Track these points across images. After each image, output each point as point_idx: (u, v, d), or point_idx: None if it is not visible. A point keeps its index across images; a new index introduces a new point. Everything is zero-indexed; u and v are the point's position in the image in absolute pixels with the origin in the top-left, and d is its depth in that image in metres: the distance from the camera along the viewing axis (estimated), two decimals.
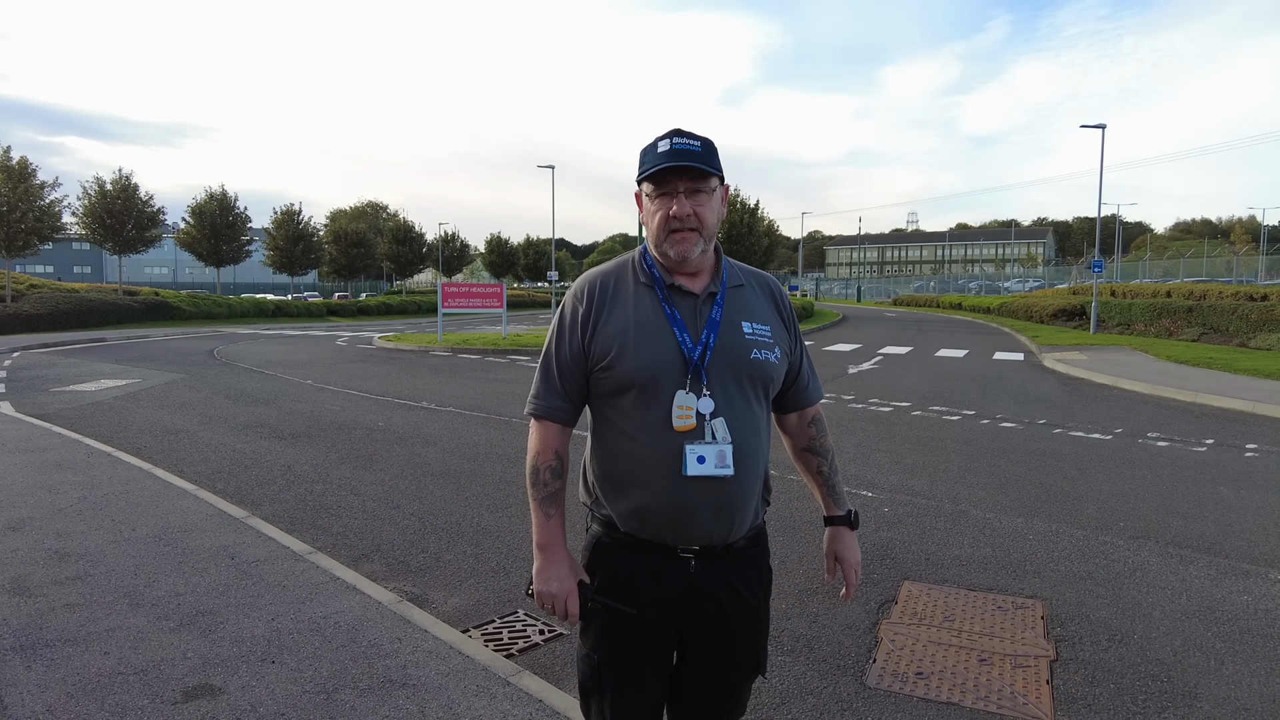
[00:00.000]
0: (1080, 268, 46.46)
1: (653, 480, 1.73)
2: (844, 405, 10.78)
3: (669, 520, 1.75)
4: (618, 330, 1.76)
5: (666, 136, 1.78)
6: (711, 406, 1.73)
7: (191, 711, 2.98)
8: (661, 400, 1.72)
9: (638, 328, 1.76)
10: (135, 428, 9.13)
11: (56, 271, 71.24)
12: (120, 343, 22.42)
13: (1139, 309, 24.13)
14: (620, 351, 1.74)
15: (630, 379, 1.73)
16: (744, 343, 1.79)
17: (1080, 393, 12.33)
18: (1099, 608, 4.12)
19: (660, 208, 1.76)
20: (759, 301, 1.89)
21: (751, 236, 46.60)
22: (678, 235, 1.75)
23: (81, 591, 4.11)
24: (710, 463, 1.71)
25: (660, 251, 1.79)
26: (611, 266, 1.88)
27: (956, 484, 6.59)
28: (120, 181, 37.82)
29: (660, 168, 1.73)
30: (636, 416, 1.74)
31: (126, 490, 6.09)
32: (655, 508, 1.75)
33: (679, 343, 1.75)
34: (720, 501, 1.75)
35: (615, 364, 1.74)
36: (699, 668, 1.87)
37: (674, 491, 1.72)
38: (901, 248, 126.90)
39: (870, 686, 3.34)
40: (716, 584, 1.81)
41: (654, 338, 1.75)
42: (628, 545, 1.80)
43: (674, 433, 1.71)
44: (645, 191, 1.80)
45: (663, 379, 1.73)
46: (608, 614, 1.79)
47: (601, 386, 1.79)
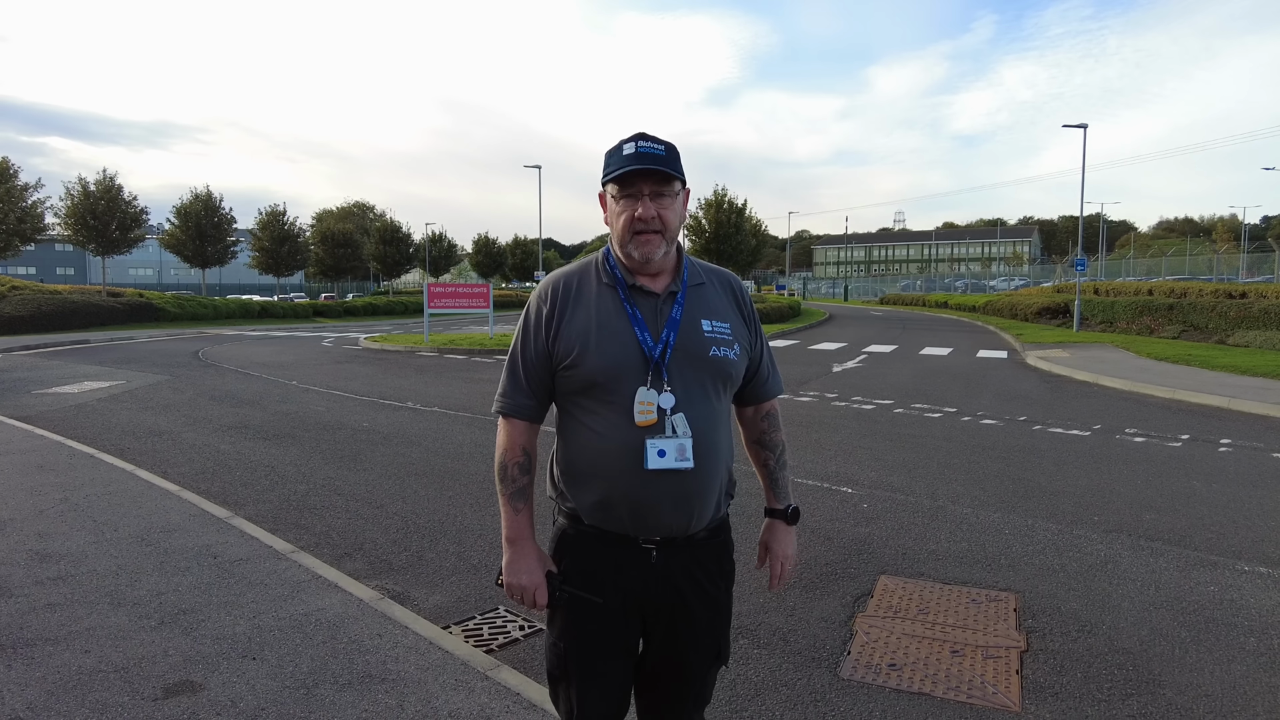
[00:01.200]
0: (1065, 266, 46.83)
1: (615, 473, 1.78)
2: (827, 403, 10.87)
3: (630, 512, 1.80)
4: (580, 330, 1.81)
5: (631, 140, 1.82)
6: (672, 402, 1.78)
7: (172, 708, 3.01)
8: (623, 396, 1.77)
9: (599, 327, 1.81)
10: (119, 429, 9.11)
11: (39, 273, 70.60)
12: (104, 345, 22.27)
13: (1121, 307, 24.39)
14: (583, 350, 1.79)
15: (593, 376, 1.78)
16: (703, 340, 1.84)
17: (1061, 390, 12.47)
18: (1070, 600, 4.20)
19: (625, 209, 1.81)
20: (720, 299, 1.94)
21: (739, 236, 46.70)
22: (642, 237, 1.80)
23: (63, 591, 4.12)
24: (670, 456, 1.76)
25: (625, 253, 1.84)
26: (575, 267, 1.93)
27: (935, 480, 6.67)
28: (104, 182, 37.54)
29: (626, 170, 1.78)
30: (599, 412, 1.80)
31: (109, 491, 6.09)
32: (617, 500, 1.80)
33: (639, 341, 1.80)
34: (680, 494, 1.80)
35: (578, 362, 1.79)
36: (662, 655, 1.93)
37: (635, 484, 1.77)
38: (888, 247, 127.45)
39: (844, 678, 3.40)
40: (677, 573, 1.86)
41: (615, 337, 1.80)
42: (591, 536, 1.86)
43: (635, 427, 1.76)
44: (610, 193, 1.85)
45: (624, 376, 1.77)
46: (574, 603, 1.85)
47: (566, 384, 1.84)
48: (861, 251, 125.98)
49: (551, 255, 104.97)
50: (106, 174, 37.83)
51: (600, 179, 1.88)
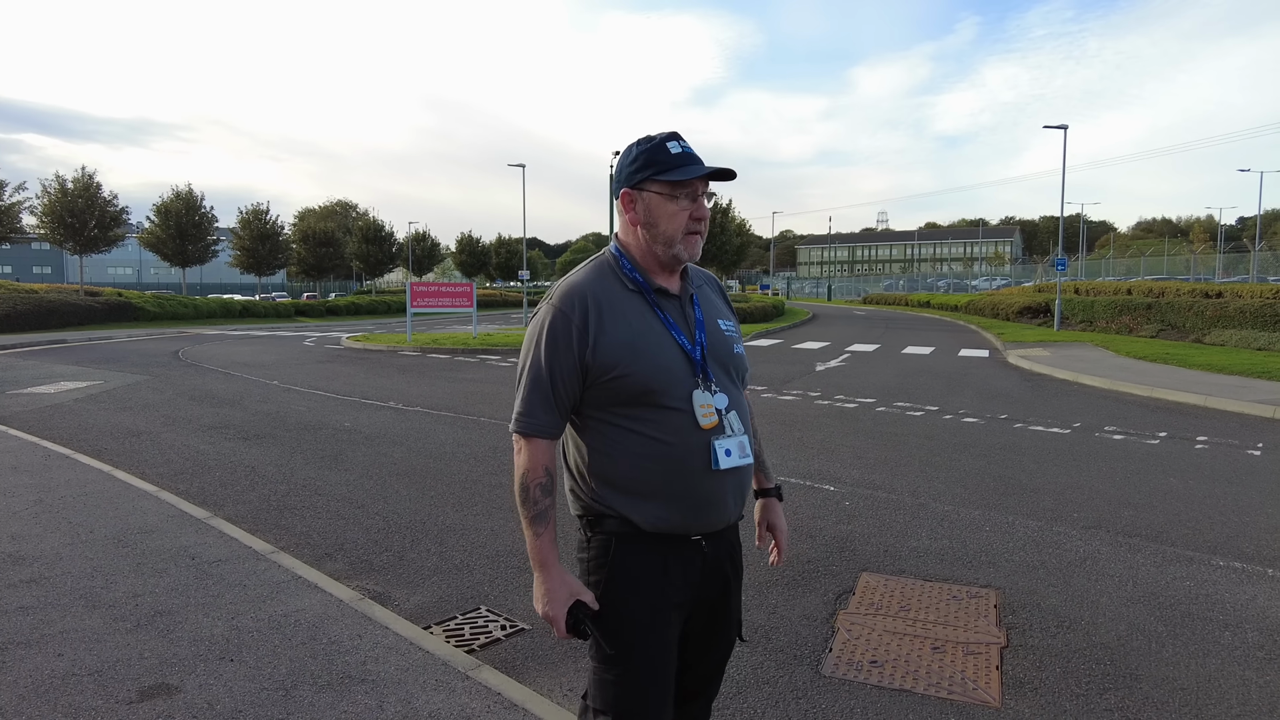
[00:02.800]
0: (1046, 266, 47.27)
1: (685, 479, 1.78)
2: (810, 401, 10.91)
3: (700, 513, 1.82)
4: (624, 340, 1.77)
5: (673, 139, 1.83)
6: (726, 402, 1.84)
7: (147, 710, 2.97)
8: (680, 400, 1.77)
9: (643, 334, 1.79)
10: (96, 430, 8.99)
11: (15, 272, 69.62)
12: (81, 344, 21.98)
13: (1101, 306, 24.64)
14: (633, 360, 1.76)
15: (648, 385, 1.76)
16: (726, 339, 1.91)
17: (1042, 388, 12.58)
18: (1050, 596, 4.23)
19: (683, 209, 1.81)
20: (718, 300, 2.01)
21: (724, 236, 46.88)
22: (694, 237, 1.83)
23: (35, 594, 4.06)
24: (735, 455, 1.82)
25: (674, 252, 1.83)
26: (593, 275, 1.86)
27: (917, 478, 6.71)
28: (82, 180, 37.08)
29: (692, 173, 1.78)
30: (658, 420, 1.77)
31: (85, 492, 6.01)
32: (690, 504, 1.80)
33: (680, 344, 1.81)
34: (740, 486, 1.88)
35: (628, 372, 1.75)
36: (707, 641, 1.95)
37: (706, 486, 1.80)
38: (872, 247, 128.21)
39: (825, 675, 3.41)
40: (723, 559, 1.92)
41: (658, 343, 1.79)
42: (648, 543, 1.81)
43: (701, 431, 1.78)
44: (657, 191, 1.81)
45: (677, 381, 1.78)
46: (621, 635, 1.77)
47: (609, 397, 1.78)
48: (845, 251, 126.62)
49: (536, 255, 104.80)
50: (85, 172, 37.39)
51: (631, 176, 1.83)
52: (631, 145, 1.86)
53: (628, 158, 1.85)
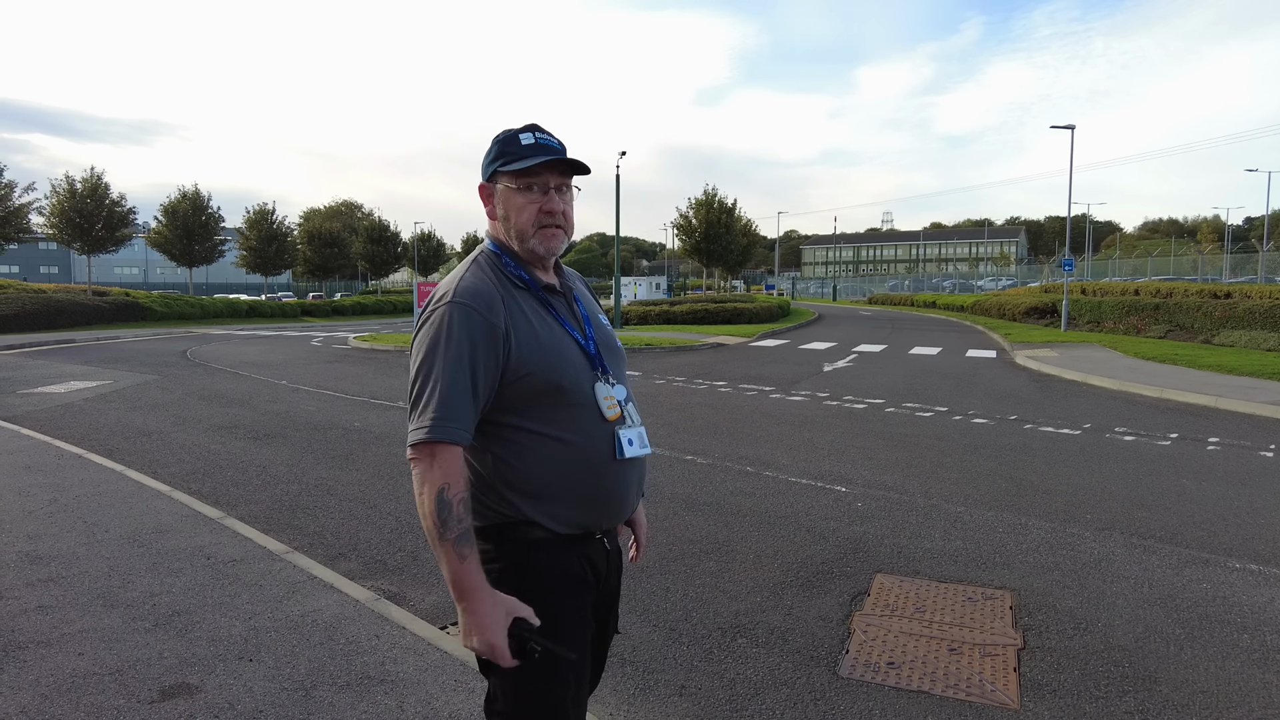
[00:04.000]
0: (1052, 266, 47.16)
1: (595, 474, 1.75)
2: (818, 402, 10.90)
3: (609, 508, 1.81)
4: (528, 337, 1.72)
5: (528, 130, 1.77)
6: (624, 393, 1.84)
7: (168, 710, 2.98)
8: (585, 395, 1.75)
9: (541, 330, 1.75)
10: (107, 429, 9.02)
11: (22, 272, 69.86)
12: (90, 344, 22.06)
13: (1108, 307, 24.57)
14: (542, 356, 1.71)
15: (557, 381, 1.71)
16: (608, 332, 1.91)
17: (1051, 389, 12.54)
18: (1065, 597, 4.22)
19: (532, 201, 1.75)
20: (589, 295, 2.02)
21: (729, 236, 46.86)
22: (548, 231, 1.77)
23: (54, 594, 4.08)
24: (637, 444, 1.81)
25: (527, 247, 1.77)
26: (480, 274, 1.76)
27: (929, 479, 6.70)
28: (90, 180, 37.21)
29: (535, 161, 1.72)
30: (567, 418, 1.73)
31: (99, 492, 6.03)
32: (600, 499, 1.78)
33: (575, 339, 1.79)
34: (639, 476, 1.88)
35: (537, 370, 1.70)
36: (602, 635, 1.94)
37: (614, 477, 1.78)
38: (877, 247, 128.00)
39: (843, 676, 3.41)
40: (617, 553, 1.93)
41: (558, 337, 1.76)
42: (564, 545, 1.75)
43: (607, 423, 1.77)
44: (506, 184, 1.76)
45: (581, 375, 1.76)
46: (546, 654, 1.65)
47: (518, 397, 1.71)
48: (850, 251, 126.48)
49: None
50: (94, 172, 37.52)
51: (486, 169, 1.79)
52: (496, 136, 1.79)
53: (487, 153, 1.79)
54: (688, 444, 8.05)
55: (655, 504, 5.91)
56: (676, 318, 27.80)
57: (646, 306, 29.92)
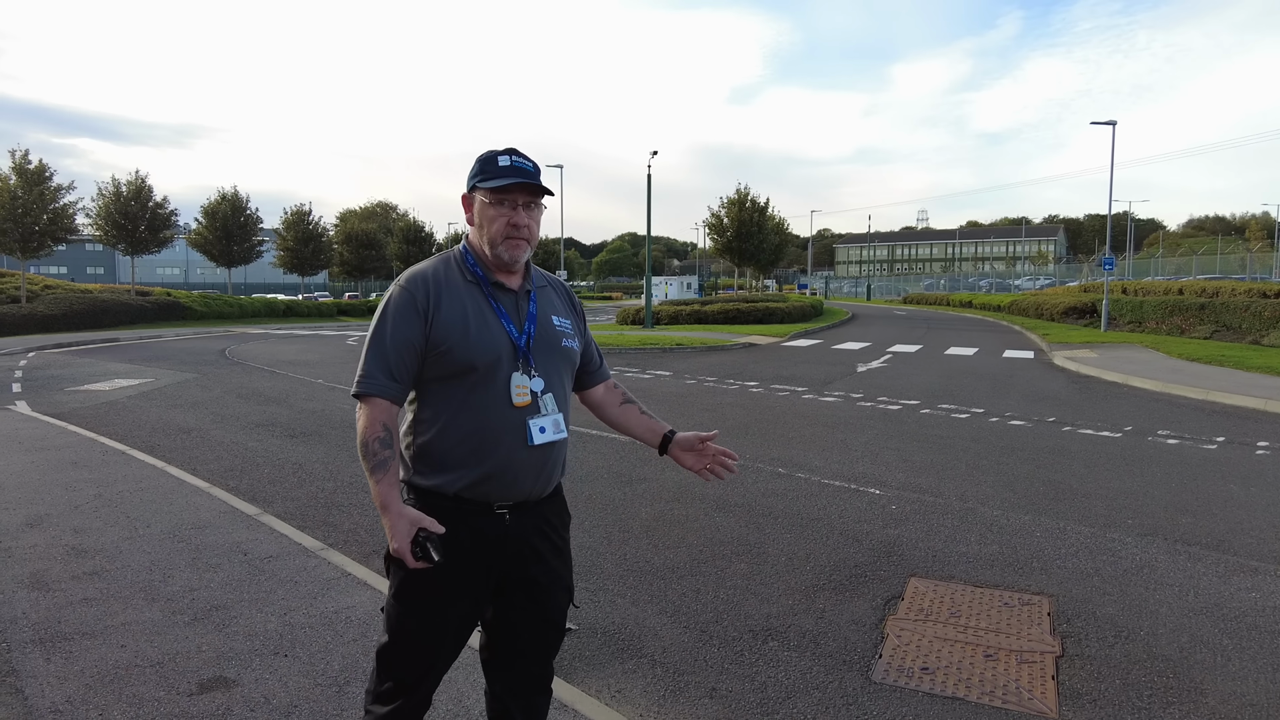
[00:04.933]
0: (1091, 265, 46.16)
1: (495, 451, 2.01)
2: (852, 403, 10.79)
3: (503, 484, 2.03)
4: (455, 319, 2.00)
5: (506, 153, 2.06)
6: (542, 385, 2.07)
7: (206, 703, 3.04)
8: (499, 380, 2.01)
9: (472, 318, 2.02)
10: (149, 426, 9.23)
11: (70, 272, 71.76)
12: (133, 343, 22.61)
13: (1151, 306, 24.00)
14: (461, 336, 1.99)
15: (471, 362, 1.99)
16: (556, 333, 2.14)
17: (1090, 390, 12.29)
18: (1106, 604, 4.13)
19: (501, 215, 2.04)
20: (559, 301, 2.24)
21: (761, 234, 46.55)
22: (513, 241, 2.06)
23: (98, 586, 4.17)
24: (549, 432, 2.07)
25: (495, 253, 2.06)
26: (436, 264, 2.09)
27: (964, 482, 6.59)
28: (135, 183, 38.09)
29: (508, 182, 2.02)
30: (477, 395, 2.00)
31: (141, 488, 6.17)
32: (495, 474, 2.01)
33: (507, 332, 2.05)
34: (545, 463, 2.09)
35: (455, 349, 1.98)
36: (520, 604, 2.12)
37: (514, 459, 2.02)
38: (911, 246, 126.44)
39: (876, 681, 3.36)
40: (529, 531, 2.10)
41: (487, 327, 2.03)
42: (449, 509, 2.00)
43: (513, 409, 2.02)
44: (483, 198, 2.05)
45: (499, 361, 2.02)
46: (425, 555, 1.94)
47: (440, 370, 2.00)
48: (884, 250, 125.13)
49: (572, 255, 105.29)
50: (138, 175, 38.41)
51: (469, 182, 2.08)
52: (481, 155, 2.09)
53: (473, 167, 2.08)
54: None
55: (685, 504, 5.90)
56: (708, 317, 27.72)
57: (678, 306, 29.87)
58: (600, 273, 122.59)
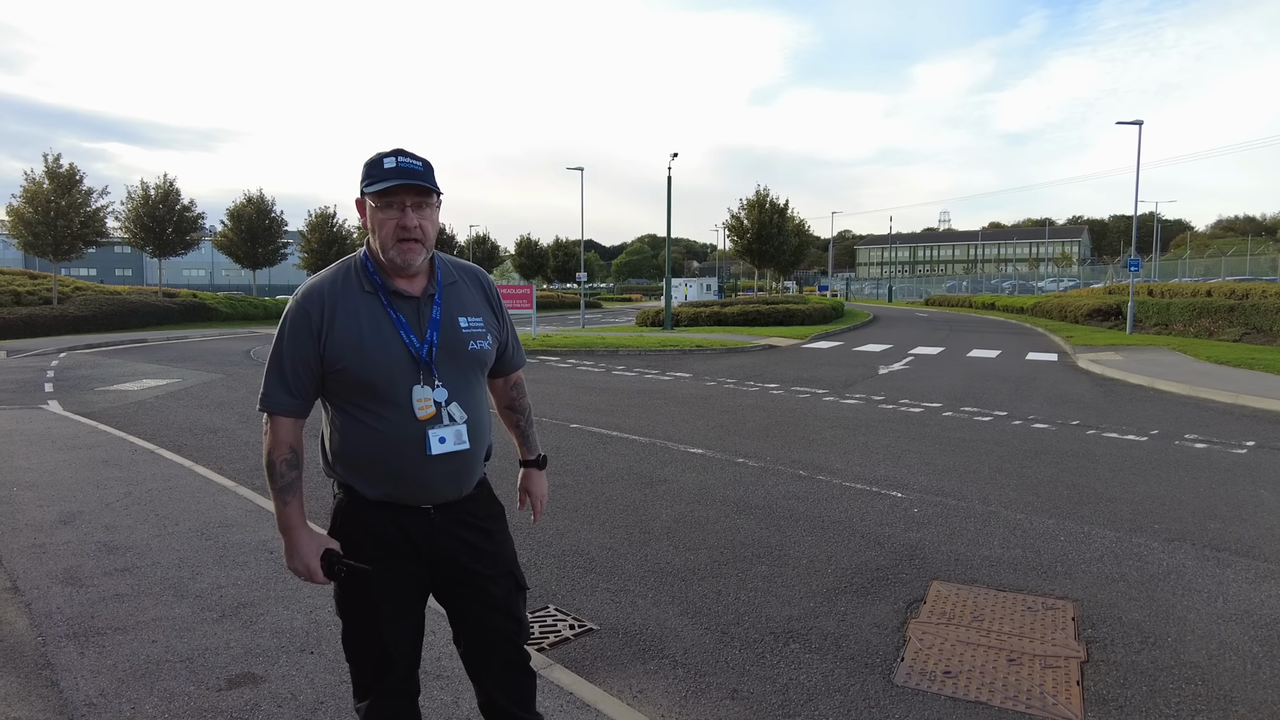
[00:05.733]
0: (1116, 267, 45.56)
1: (400, 463, 2.01)
2: (874, 406, 10.73)
3: (412, 489, 2.05)
4: (349, 337, 1.97)
5: (391, 155, 1.99)
6: (445, 395, 2.03)
7: (235, 699, 3.09)
8: (400, 395, 1.99)
9: (368, 334, 1.98)
10: (176, 426, 9.37)
11: (99, 274, 72.99)
12: (160, 343, 22.95)
13: (1178, 308, 23.66)
14: (356, 355, 1.96)
15: (368, 379, 1.97)
16: (462, 336, 2.08)
17: (1115, 394, 12.14)
18: (1132, 610, 4.08)
19: (389, 219, 1.97)
20: (471, 295, 2.17)
21: (781, 236, 46.39)
22: (405, 244, 1.99)
23: (129, 582, 4.25)
24: (450, 442, 2.03)
25: (388, 258, 2.00)
26: (334, 276, 2.04)
27: (987, 485, 6.54)
28: (162, 186, 38.68)
29: (390, 184, 1.94)
30: (378, 410, 1.99)
31: (169, 486, 6.27)
32: (402, 483, 2.03)
33: (406, 344, 2.00)
34: (456, 469, 2.07)
35: (351, 367, 1.96)
36: (467, 595, 2.16)
37: (419, 469, 2.01)
38: (933, 247, 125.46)
39: (898, 685, 3.35)
40: (455, 525, 2.12)
41: (384, 341, 1.98)
42: (374, 508, 2.06)
43: (417, 421, 2.00)
44: (371, 203, 1.98)
45: (397, 376, 1.98)
46: (352, 573, 2.05)
47: (339, 386, 2.00)
48: (906, 252, 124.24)
49: (592, 257, 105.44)
50: (165, 178, 38.99)
51: (360, 187, 2.01)
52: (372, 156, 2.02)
53: (365, 167, 2.01)
54: (738, 447, 8.01)
55: (706, 506, 5.90)
56: (727, 319, 27.68)
57: (697, 308, 29.84)
58: (620, 274, 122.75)
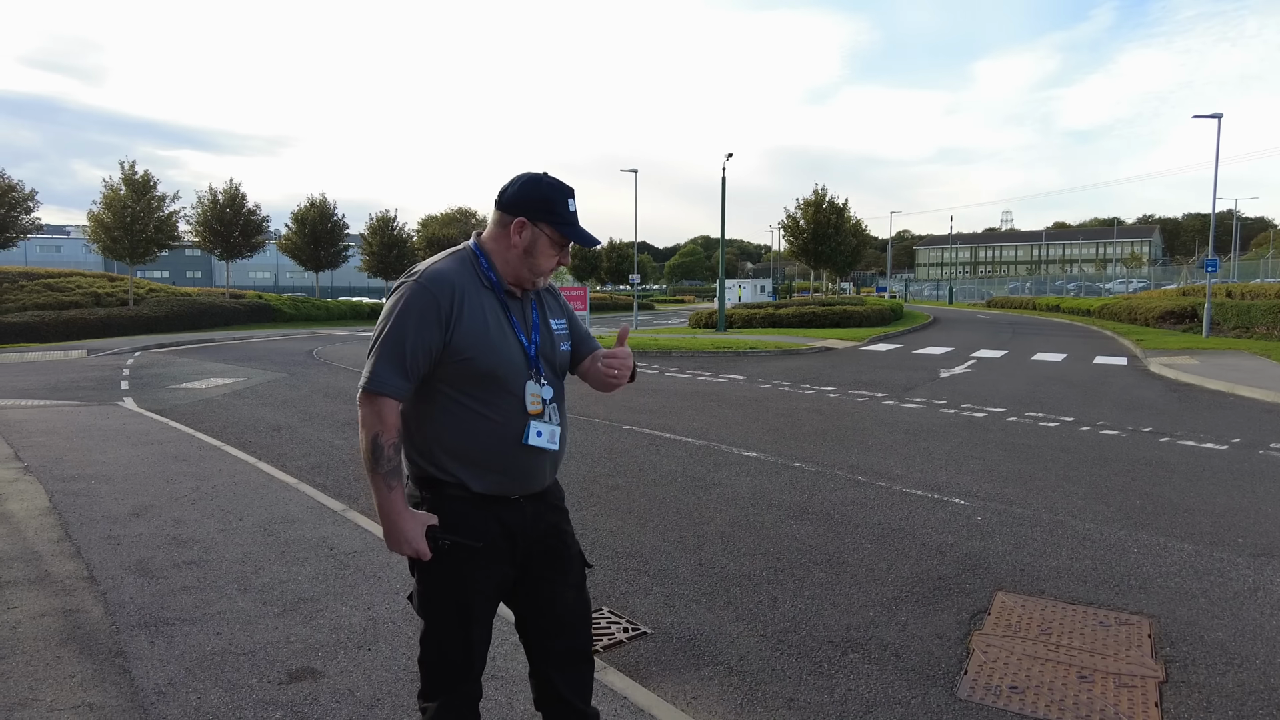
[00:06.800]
0: (1191, 267, 43.75)
1: (507, 451, 2.10)
2: (935, 410, 10.47)
3: (519, 482, 2.14)
4: (477, 327, 2.05)
5: (571, 195, 2.13)
6: (552, 393, 2.18)
7: (295, 692, 3.14)
8: (515, 388, 2.09)
9: (493, 327, 2.08)
10: (242, 423, 9.66)
11: (171, 276, 75.93)
12: (227, 344, 23.73)
13: (1260, 310, 22.56)
14: (483, 347, 2.05)
15: (493, 371, 2.06)
16: (554, 338, 2.23)
17: (1191, 400, 11.62)
18: (1215, 629, 3.88)
19: (553, 256, 2.13)
20: (553, 300, 2.31)
21: (838, 236, 45.74)
22: (548, 277, 2.20)
23: (196, 575, 4.38)
24: (544, 437, 2.14)
25: (530, 278, 2.14)
26: (457, 267, 2.10)
27: (1054, 493, 6.31)
28: (230, 191, 40.05)
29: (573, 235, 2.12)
30: (496, 402, 2.08)
31: (234, 482, 6.45)
32: (511, 473, 2.12)
33: (519, 341, 2.13)
34: (550, 462, 2.20)
35: (477, 357, 2.04)
36: (549, 577, 2.24)
37: (521, 458, 2.12)
38: (995, 248, 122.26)
39: (961, 699, 3.24)
40: (544, 510, 2.23)
41: (505, 337, 2.10)
42: (474, 502, 2.10)
43: (527, 415, 2.11)
44: (547, 234, 2.10)
45: (514, 372, 2.10)
46: (455, 549, 2.09)
47: (457, 375, 2.05)
48: (966, 252, 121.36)
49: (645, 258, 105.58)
50: (233, 183, 40.36)
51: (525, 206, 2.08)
52: (535, 179, 2.10)
53: (532, 190, 2.09)
54: (794, 450, 7.89)
55: (761, 510, 5.82)
56: (782, 321, 27.40)
57: (751, 309, 29.62)
58: (673, 276, 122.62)
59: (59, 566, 4.51)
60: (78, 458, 7.36)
